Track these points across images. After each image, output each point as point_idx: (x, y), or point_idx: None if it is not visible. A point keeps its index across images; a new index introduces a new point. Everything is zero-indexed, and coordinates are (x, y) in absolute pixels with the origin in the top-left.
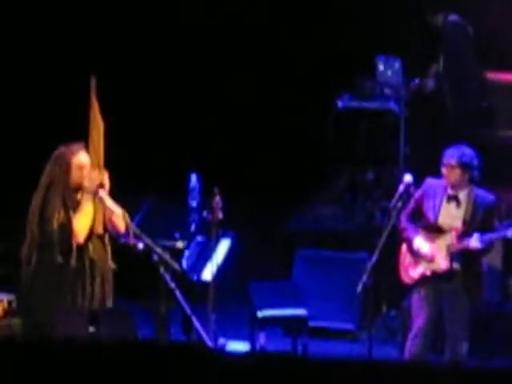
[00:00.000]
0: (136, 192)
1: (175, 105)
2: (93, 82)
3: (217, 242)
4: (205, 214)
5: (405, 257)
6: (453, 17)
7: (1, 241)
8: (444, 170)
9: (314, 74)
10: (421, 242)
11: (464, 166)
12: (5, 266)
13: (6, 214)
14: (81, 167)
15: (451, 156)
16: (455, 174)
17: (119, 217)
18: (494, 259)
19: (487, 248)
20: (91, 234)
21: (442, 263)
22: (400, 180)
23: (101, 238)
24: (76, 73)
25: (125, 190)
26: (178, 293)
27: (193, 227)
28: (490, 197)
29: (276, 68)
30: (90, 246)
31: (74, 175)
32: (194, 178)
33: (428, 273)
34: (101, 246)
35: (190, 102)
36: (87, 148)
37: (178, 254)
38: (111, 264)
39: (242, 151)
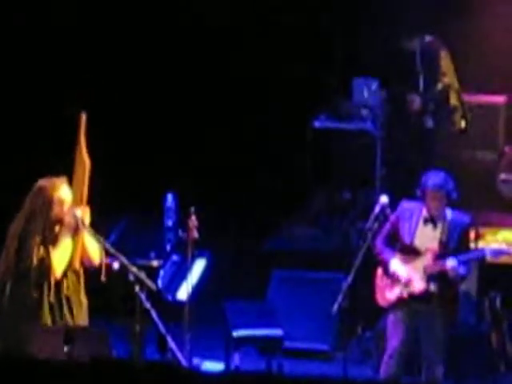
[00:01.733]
0: (112, 211)
1: (152, 125)
2: (82, 119)
3: (192, 261)
4: (180, 233)
5: (381, 279)
6: (428, 38)
7: None
8: (428, 200)
9: (292, 95)
10: (397, 265)
11: (446, 192)
12: None
13: None
14: (62, 202)
15: (434, 185)
16: (441, 203)
17: (96, 251)
18: (469, 281)
19: (466, 273)
20: (68, 269)
21: (419, 285)
22: (376, 201)
23: (76, 272)
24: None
25: (101, 209)
26: (153, 312)
27: (168, 246)
28: (465, 218)
29: (254, 88)
30: (66, 283)
31: (55, 210)
32: (170, 197)
33: (404, 295)
34: (75, 280)
35: (167, 122)
36: (70, 183)
37: (153, 273)
38: (83, 299)
39: (218, 171)
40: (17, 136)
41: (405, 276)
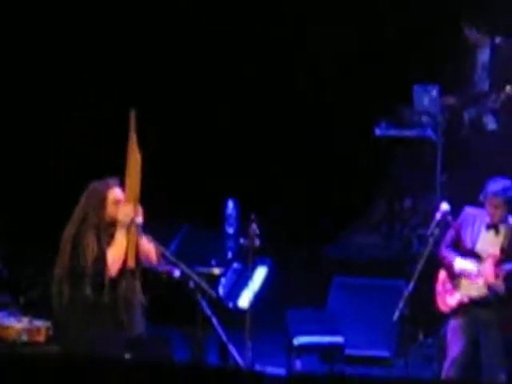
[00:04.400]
0: (173, 219)
1: (212, 131)
2: (132, 116)
3: (253, 269)
4: (242, 240)
5: (442, 284)
6: (500, 39)
7: (30, 265)
8: (488, 208)
9: (353, 102)
10: (462, 262)
11: (507, 199)
12: (34, 289)
13: (35, 240)
14: (116, 202)
15: (495, 193)
16: (500, 211)
17: (152, 250)
18: None
19: None
20: (124, 267)
21: (480, 290)
22: (437, 208)
23: (132, 272)
24: (115, 106)
25: (161, 216)
26: (214, 320)
27: (229, 254)
28: None
29: (315, 95)
30: (123, 283)
31: (109, 210)
32: (230, 204)
33: (466, 300)
34: (132, 280)
35: (228, 129)
36: (122, 182)
37: (214, 281)
38: (142, 299)
39: (280, 178)
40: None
41: (474, 269)
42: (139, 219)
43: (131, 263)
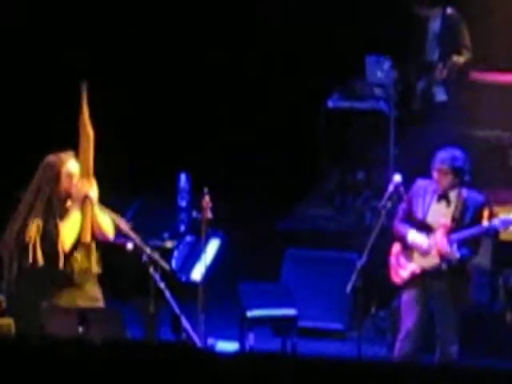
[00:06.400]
0: (125, 192)
1: (165, 104)
2: (84, 89)
3: (206, 241)
4: (194, 213)
5: (396, 257)
6: (450, 10)
7: None
8: (435, 175)
9: (305, 74)
10: (415, 235)
11: (456, 170)
12: None
13: None
14: (70, 176)
15: (442, 161)
16: (447, 179)
17: (108, 225)
18: (484, 259)
19: (467, 254)
20: (78, 242)
21: (431, 260)
22: (390, 180)
23: (87, 246)
24: (67, 78)
25: (114, 189)
26: (167, 293)
27: (182, 227)
28: (480, 197)
29: (267, 67)
30: (78, 256)
31: (63, 184)
32: (183, 177)
33: (418, 271)
34: (86, 254)
35: (180, 102)
36: (77, 156)
37: (167, 254)
38: (96, 269)
39: (232, 151)
40: (19, 109)
41: (425, 243)
42: (94, 194)
43: (87, 237)
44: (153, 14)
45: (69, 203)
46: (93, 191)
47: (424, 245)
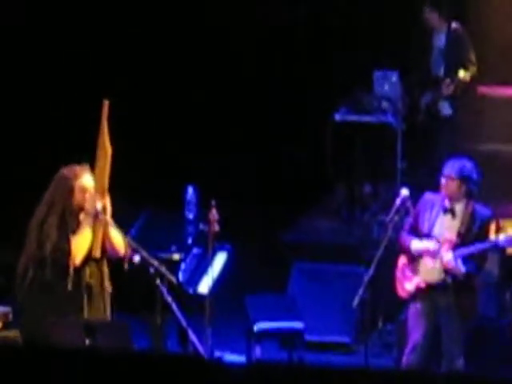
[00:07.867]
0: (133, 204)
1: (173, 117)
2: (105, 106)
3: (213, 254)
4: (201, 226)
5: (401, 271)
6: (455, 24)
7: None
8: (443, 181)
9: (313, 88)
10: (418, 242)
11: (463, 178)
12: (1, 277)
13: (4, 227)
14: (83, 190)
15: (451, 168)
16: (453, 186)
17: (120, 241)
18: (491, 272)
19: (471, 269)
20: (89, 257)
21: (436, 275)
22: (397, 194)
23: (98, 261)
24: (89, 96)
25: (122, 201)
26: (174, 305)
27: (189, 240)
28: (486, 211)
29: (276, 81)
30: (87, 271)
31: (77, 197)
32: (190, 190)
33: (422, 285)
34: (97, 269)
35: (189, 116)
36: (92, 171)
37: (174, 267)
38: (108, 287)
39: (240, 164)
40: (39, 125)
41: (431, 244)
42: (107, 210)
43: (97, 253)
44: (151, 19)
45: (81, 217)
46: (106, 207)
47: (431, 246)
